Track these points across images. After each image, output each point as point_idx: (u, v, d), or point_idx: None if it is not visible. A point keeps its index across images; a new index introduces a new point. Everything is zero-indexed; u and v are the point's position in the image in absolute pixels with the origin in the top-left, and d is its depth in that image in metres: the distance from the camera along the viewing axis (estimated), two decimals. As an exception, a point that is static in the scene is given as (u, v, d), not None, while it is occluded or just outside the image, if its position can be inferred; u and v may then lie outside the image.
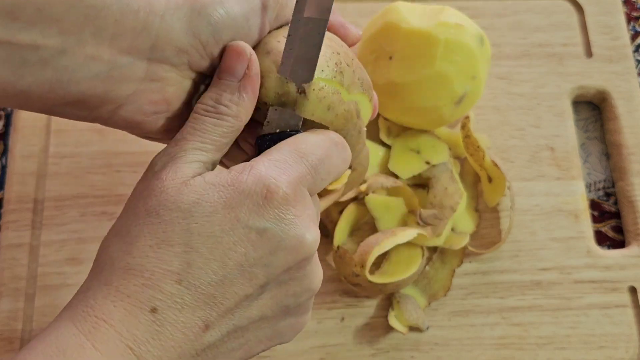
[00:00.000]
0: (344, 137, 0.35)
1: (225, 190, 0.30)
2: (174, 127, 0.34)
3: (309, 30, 0.33)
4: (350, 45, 0.38)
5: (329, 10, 0.33)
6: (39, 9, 0.28)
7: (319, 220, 0.35)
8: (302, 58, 0.33)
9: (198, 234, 0.29)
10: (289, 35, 0.33)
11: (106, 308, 0.28)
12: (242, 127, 0.33)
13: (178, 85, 0.33)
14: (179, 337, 0.29)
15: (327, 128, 0.35)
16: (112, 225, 0.31)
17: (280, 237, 0.31)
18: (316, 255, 0.33)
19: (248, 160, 0.32)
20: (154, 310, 0.28)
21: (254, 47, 0.34)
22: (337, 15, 0.38)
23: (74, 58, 0.29)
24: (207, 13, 0.32)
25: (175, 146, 0.31)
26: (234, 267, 0.30)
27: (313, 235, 0.32)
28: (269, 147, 0.33)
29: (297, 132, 0.34)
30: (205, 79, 0.35)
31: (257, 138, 0.34)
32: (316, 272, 0.33)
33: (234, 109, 0.32)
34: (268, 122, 0.34)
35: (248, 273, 0.30)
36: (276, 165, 0.31)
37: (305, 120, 0.34)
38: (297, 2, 0.33)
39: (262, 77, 0.34)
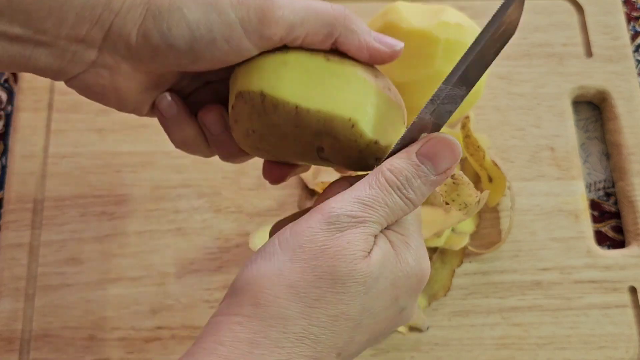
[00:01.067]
0: None
1: (395, 270, 0.31)
2: (127, 108, 0.35)
3: (422, 127, 0.33)
4: (385, 62, 0.35)
5: (449, 114, 0.33)
6: (10, 1, 0.29)
7: None
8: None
9: (367, 310, 0.30)
10: (407, 131, 0.32)
11: None
12: None
13: (129, 76, 0.33)
14: None
15: None
16: (273, 266, 0.29)
17: (408, 315, 0.33)
18: None
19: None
20: None
21: None
22: (359, 34, 0.33)
23: (33, 42, 0.31)
24: (162, 17, 0.31)
25: (364, 212, 0.30)
26: (372, 339, 0.31)
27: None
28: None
29: None
30: (161, 81, 0.35)
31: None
32: None
33: (420, 199, 0.32)
34: None
35: (376, 342, 0.32)
36: (421, 245, 0.32)
37: None
38: (426, 106, 0.32)
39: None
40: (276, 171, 0.38)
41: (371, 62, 0.34)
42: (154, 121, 0.38)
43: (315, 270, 0.29)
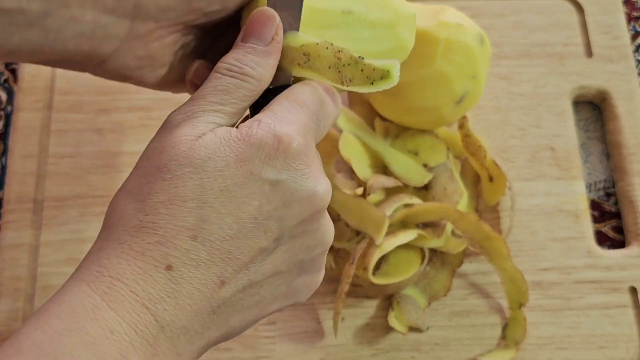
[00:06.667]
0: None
1: (237, 144, 0.30)
2: (161, 78, 0.35)
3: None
4: None
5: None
6: None
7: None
8: (286, 5, 0.33)
9: (210, 189, 0.29)
10: None
11: (120, 267, 0.28)
12: (262, 92, 0.32)
13: (161, 40, 0.33)
14: (195, 294, 0.29)
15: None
16: (121, 185, 0.31)
17: (293, 189, 0.30)
18: (326, 209, 0.33)
19: (244, 120, 0.32)
20: (169, 267, 0.28)
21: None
22: None
23: (58, 19, 0.30)
24: None
25: (193, 105, 0.31)
26: (248, 221, 0.30)
27: (324, 186, 0.32)
28: (263, 103, 0.32)
29: (288, 85, 0.34)
30: (190, 31, 0.35)
31: None
32: (328, 226, 0.33)
33: (259, 71, 0.32)
34: None
35: (262, 226, 0.30)
36: (282, 117, 0.31)
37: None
38: None
39: None
40: None
41: None
42: (154, 121, 0.38)
43: (145, 169, 0.30)
